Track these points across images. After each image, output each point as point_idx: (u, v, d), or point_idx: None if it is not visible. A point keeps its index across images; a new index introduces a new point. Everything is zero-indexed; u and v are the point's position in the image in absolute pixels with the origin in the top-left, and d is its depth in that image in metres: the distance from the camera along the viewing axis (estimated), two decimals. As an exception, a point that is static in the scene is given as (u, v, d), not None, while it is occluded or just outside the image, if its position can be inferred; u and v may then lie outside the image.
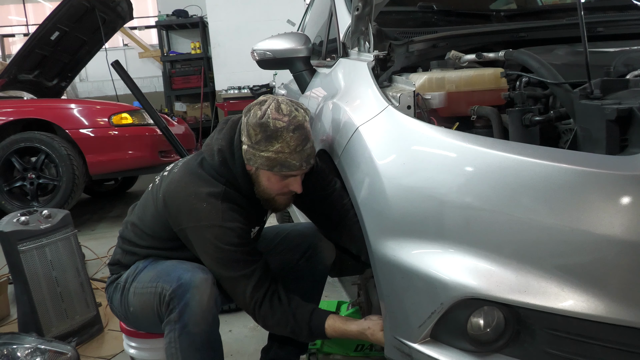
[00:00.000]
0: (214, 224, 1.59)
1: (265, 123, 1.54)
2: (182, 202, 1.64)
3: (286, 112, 1.56)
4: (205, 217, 1.60)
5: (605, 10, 2.40)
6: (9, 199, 4.45)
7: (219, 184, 1.64)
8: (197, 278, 1.58)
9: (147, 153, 4.65)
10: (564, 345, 1.23)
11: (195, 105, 9.41)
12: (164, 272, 1.67)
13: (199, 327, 1.57)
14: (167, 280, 1.63)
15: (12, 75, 4.89)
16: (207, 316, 1.58)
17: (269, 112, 1.55)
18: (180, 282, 1.58)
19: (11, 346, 1.97)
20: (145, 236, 1.78)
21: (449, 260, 1.30)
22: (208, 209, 1.60)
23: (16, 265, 2.32)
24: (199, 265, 1.65)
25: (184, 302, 1.56)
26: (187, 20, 9.19)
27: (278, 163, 1.57)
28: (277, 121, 1.54)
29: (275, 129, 1.54)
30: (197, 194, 1.62)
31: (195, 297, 1.56)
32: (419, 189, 1.37)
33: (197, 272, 1.61)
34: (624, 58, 1.50)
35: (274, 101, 1.58)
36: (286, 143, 1.55)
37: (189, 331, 1.57)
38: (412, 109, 1.55)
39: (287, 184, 1.64)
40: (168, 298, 1.60)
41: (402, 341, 1.45)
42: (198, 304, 1.56)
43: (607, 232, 1.11)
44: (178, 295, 1.57)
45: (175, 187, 1.68)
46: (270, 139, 1.55)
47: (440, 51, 1.81)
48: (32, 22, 10.64)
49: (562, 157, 1.21)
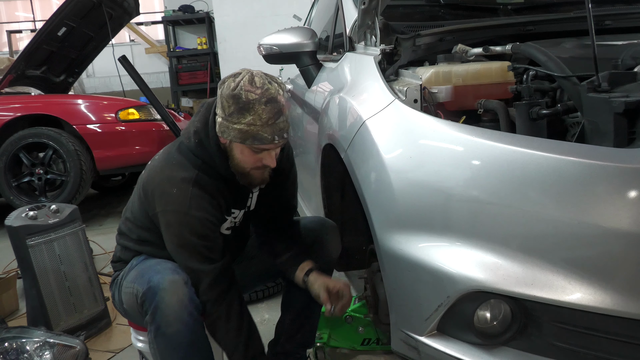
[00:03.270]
0: (180, 210, 1.60)
1: (237, 95, 1.53)
2: (156, 187, 1.65)
3: (259, 84, 1.55)
4: (172, 202, 1.61)
5: (613, 3, 2.38)
6: (17, 194, 4.46)
7: (192, 169, 1.64)
8: (165, 280, 1.58)
9: (154, 148, 4.63)
10: (571, 337, 1.24)
11: (201, 101, 9.39)
12: (140, 274, 1.68)
13: (173, 327, 1.56)
14: (140, 282, 1.64)
15: (19, 71, 4.90)
16: (181, 315, 1.56)
17: (242, 84, 1.54)
18: (149, 285, 1.59)
19: (20, 340, 1.99)
20: (135, 228, 1.79)
21: (455, 254, 1.30)
22: (177, 194, 1.61)
23: (25, 259, 2.34)
24: (173, 267, 1.65)
25: (154, 305, 1.56)
26: (194, 16, 9.18)
27: (250, 136, 1.56)
28: (250, 93, 1.53)
29: (248, 101, 1.53)
30: (170, 178, 1.63)
31: (164, 299, 1.55)
32: (425, 183, 1.37)
33: (166, 274, 1.60)
34: (632, 51, 1.50)
35: (247, 74, 1.57)
36: (258, 115, 1.54)
37: (163, 332, 1.57)
38: (419, 102, 1.55)
39: (261, 158, 1.63)
40: (140, 301, 1.61)
41: (408, 334, 1.46)
42: (167, 305, 1.55)
43: (615, 225, 1.11)
44: (148, 298, 1.58)
45: (152, 172, 1.70)
46: (243, 111, 1.54)
47: (447, 45, 1.81)
48: (40, 18, 10.66)
49: (570, 150, 1.21)
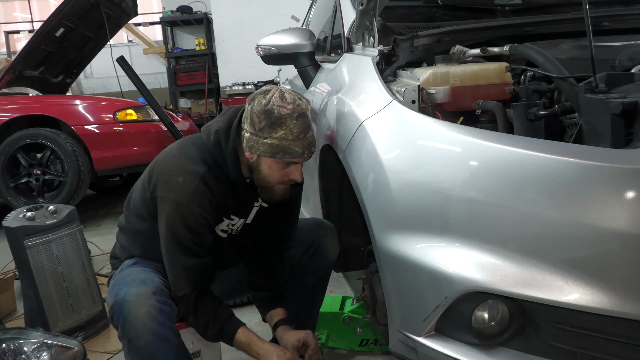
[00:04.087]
0: (180, 201, 1.60)
1: (270, 110, 1.56)
2: (163, 170, 1.67)
3: (290, 100, 1.58)
4: (175, 191, 1.62)
5: (610, 4, 2.39)
6: (14, 195, 4.46)
7: (202, 164, 1.65)
8: (131, 292, 1.57)
9: (152, 149, 4.63)
10: (569, 338, 1.24)
11: (199, 102, 9.41)
12: (113, 285, 1.69)
13: (144, 339, 1.55)
14: (111, 295, 1.64)
15: (17, 72, 4.90)
16: (150, 327, 1.54)
17: (273, 100, 1.57)
18: (116, 299, 1.58)
19: (18, 341, 1.98)
20: (131, 216, 1.81)
21: (453, 254, 1.30)
22: (182, 184, 1.62)
23: (22, 260, 2.33)
24: (143, 277, 1.64)
25: (122, 318, 1.55)
26: (192, 17, 9.19)
27: (281, 150, 1.59)
28: (282, 108, 1.56)
29: (280, 116, 1.56)
30: (179, 167, 1.65)
31: (130, 312, 1.54)
32: (423, 184, 1.37)
33: (133, 286, 1.59)
34: (630, 52, 1.50)
35: (277, 90, 1.61)
36: (290, 130, 1.57)
37: (134, 345, 1.56)
38: (417, 103, 1.55)
39: (288, 172, 1.66)
40: (110, 314, 1.61)
41: (407, 335, 1.46)
42: (135, 318, 1.54)
43: (612, 226, 1.12)
44: (116, 312, 1.57)
45: (164, 156, 1.72)
46: (274, 126, 1.57)
47: (444, 46, 1.81)
48: (37, 19, 10.66)
49: (567, 150, 1.21)
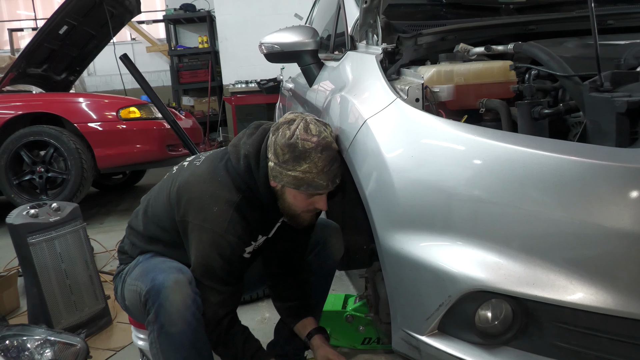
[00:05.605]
0: (216, 231, 1.60)
1: (294, 144, 1.54)
2: (196, 197, 1.64)
3: (315, 132, 1.56)
4: (210, 221, 1.61)
5: (615, 2, 2.38)
6: (18, 193, 4.47)
7: (236, 193, 1.64)
8: (170, 279, 1.58)
9: (155, 147, 4.65)
10: (572, 338, 1.23)
11: (202, 100, 9.40)
12: (144, 272, 1.68)
13: (177, 327, 1.56)
14: (144, 281, 1.64)
15: (21, 69, 4.91)
16: (184, 315, 1.56)
17: (297, 133, 1.55)
18: (153, 283, 1.58)
19: (21, 338, 1.98)
20: (151, 225, 1.79)
21: (457, 253, 1.30)
22: (217, 214, 1.61)
23: (26, 257, 2.34)
24: (178, 266, 1.65)
25: (158, 303, 1.56)
26: (195, 15, 9.17)
27: (305, 183, 1.57)
28: (306, 142, 1.54)
29: (304, 150, 1.54)
30: (213, 195, 1.63)
31: (168, 298, 1.55)
32: (427, 182, 1.37)
33: (171, 273, 1.60)
34: (635, 51, 1.49)
35: (302, 121, 1.58)
36: (314, 164, 1.55)
37: (167, 331, 1.57)
38: (421, 101, 1.55)
39: (313, 202, 1.65)
40: (144, 299, 1.61)
41: (409, 334, 1.45)
42: (171, 304, 1.55)
43: (617, 225, 1.11)
44: (152, 297, 1.58)
45: (195, 180, 1.68)
46: (299, 159, 1.55)
47: (448, 44, 1.80)
48: (41, 16, 10.64)
49: (572, 149, 1.20)
